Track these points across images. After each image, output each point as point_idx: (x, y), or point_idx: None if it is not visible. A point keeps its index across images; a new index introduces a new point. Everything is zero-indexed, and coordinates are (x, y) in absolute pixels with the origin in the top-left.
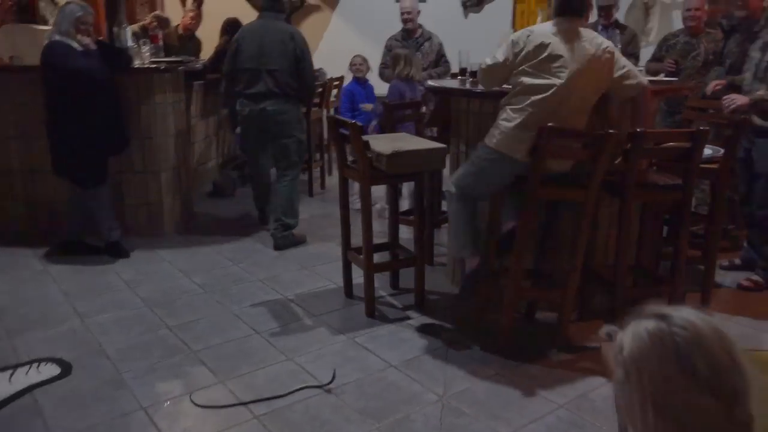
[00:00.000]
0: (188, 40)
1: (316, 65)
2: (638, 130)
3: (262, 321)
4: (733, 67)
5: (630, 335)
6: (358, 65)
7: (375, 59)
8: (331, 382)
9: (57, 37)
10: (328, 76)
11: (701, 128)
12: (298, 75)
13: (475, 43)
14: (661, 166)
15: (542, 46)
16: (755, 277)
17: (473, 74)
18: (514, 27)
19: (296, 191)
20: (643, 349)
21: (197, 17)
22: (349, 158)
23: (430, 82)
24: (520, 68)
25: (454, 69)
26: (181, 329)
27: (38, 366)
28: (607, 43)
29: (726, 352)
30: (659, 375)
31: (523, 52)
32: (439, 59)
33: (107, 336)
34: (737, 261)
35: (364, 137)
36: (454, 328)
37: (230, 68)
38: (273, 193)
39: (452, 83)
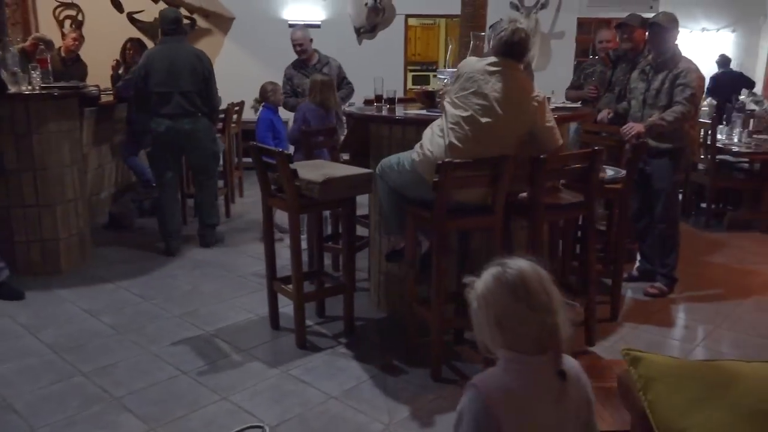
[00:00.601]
0: (72, 64)
1: None
2: (540, 156)
3: (186, 360)
4: (620, 94)
5: (480, 278)
6: (270, 92)
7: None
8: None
9: None
10: (223, 102)
11: (596, 148)
12: (207, 94)
13: (368, 69)
14: (569, 185)
15: (472, 81)
16: (658, 284)
17: (389, 101)
18: (406, 54)
19: (216, 195)
20: (488, 285)
21: (79, 39)
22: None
23: (350, 109)
24: (451, 96)
25: (370, 95)
26: (98, 375)
27: None
28: (538, 94)
29: (540, 283)
30: (499, 302)
31: (459, 83)
32: (341, 81)
33: (12, 388)
34: (635, 272)
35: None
36: (387, 354)
37: (139, 91)
38: (196, 206)
39: (371, 110)
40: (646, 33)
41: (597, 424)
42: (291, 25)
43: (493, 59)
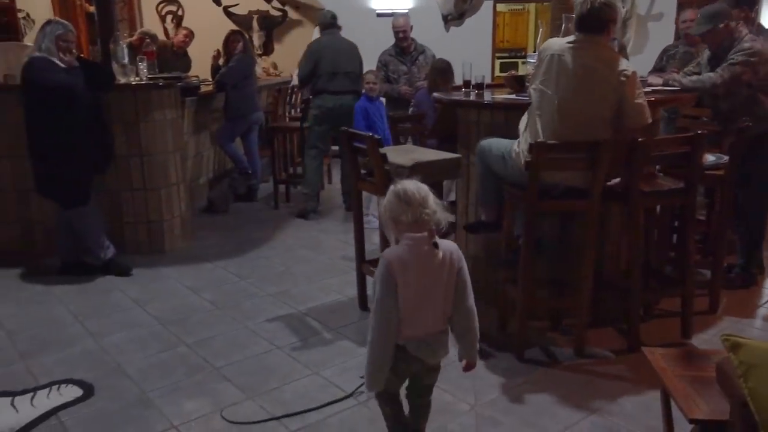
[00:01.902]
0: (180, 58)
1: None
2: (639, 139)
3: (280, 336)
4: None
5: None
6: (372, 83)
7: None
8: (362, 384)
9: (38, 54)
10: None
11: (698, 132)
12: (357, 77)
13: (456, 57)
14: (667, 172)
15: (553, 61)
16: (731, 275)
17: (477, 86)
18: (494, 40)
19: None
20: (387, 197)
21: (189, 35)
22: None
23: (438, 94)
24: (535, 81)
25: (457, 82)
26: (200, 346)
27: (59, 388)
28: (626, 69)
29: (416, 190)
30: (390, 203)
31: (542, 66)
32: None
33: (125, 355)
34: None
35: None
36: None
37: (308, 73)
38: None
39: (459, 95)
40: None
41: (466, 289)
42: (379, 14)
43: (572, 37)
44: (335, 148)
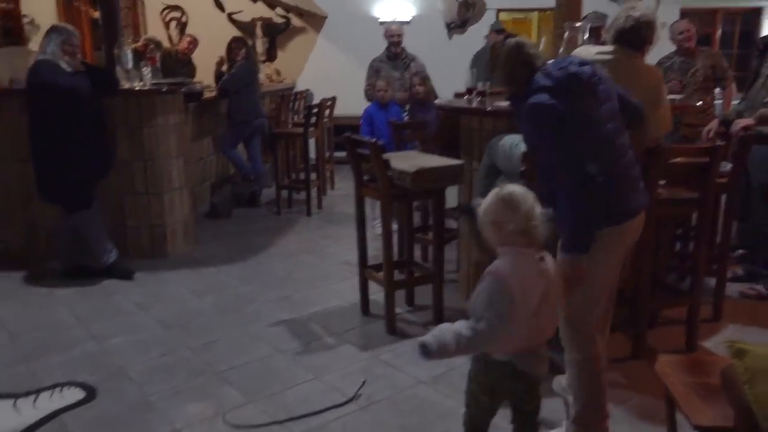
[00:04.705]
0: (184, 65)
1: (303, 87)
2: (658, 145)
3: (283, 340)
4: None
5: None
6: (383, 90)
7: (361, 80)
8: (362, 386)
9: (44, 57)
10: (315, 97)
11: (718, 144)
12: None
13: (459, 65)
14: (670, 182)
15: None
16: (759, 287)
17: (480, 93)
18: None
19: None
20: (489, 200)
21: (194, 42)
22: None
23: (440, 102)
24: None
25: (461, 89)
26: (202, 350)
27: (61, 390)
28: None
29: (524, 197)
30: (494, 210)
31: None
32: (425, 79)
33: (127, 358)
34: (740, 272)
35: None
36: None
37: None
38: None
39: (461, 102)
40: None
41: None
42: (382, 23)
43: (606, 48)
44: (339, 154)
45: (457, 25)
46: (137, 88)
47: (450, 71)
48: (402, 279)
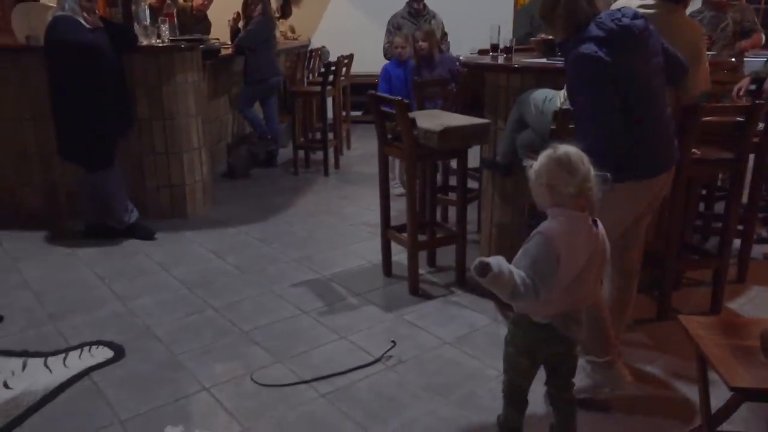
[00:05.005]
0: (200, 22)
1: (318, 44)
2: (695, 104)
3: (306, 300)
4: None
5: (538, 160)
6: (401, 47)
7: (378, 37)
8: (392, 347)
9: (62, 13)
10: (331, 55)
11: (757, 102)
12: None
13: (477, 18)
14: (701, 141)
15: None
16: None
17: (506, 50)
18: (516, 5)
19: None
20: (541, 160)
21: None
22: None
23: (465, 58)
24: None
25: (477, 46)
26: (227, 310)
27: (90, 349)
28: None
29: (579, 158)
30: (549, 170)
31: None
32: (444, 36)
33: (153, 318)
34: (764, 234)
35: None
36: (499, 304)
37: None
38: None
39: (486, 59)
40: None
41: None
42: None
43: (647, 1)
44: (356, 113)
45: None
46: (156, 45)
47: (468, 27)
48: (425, 240)
